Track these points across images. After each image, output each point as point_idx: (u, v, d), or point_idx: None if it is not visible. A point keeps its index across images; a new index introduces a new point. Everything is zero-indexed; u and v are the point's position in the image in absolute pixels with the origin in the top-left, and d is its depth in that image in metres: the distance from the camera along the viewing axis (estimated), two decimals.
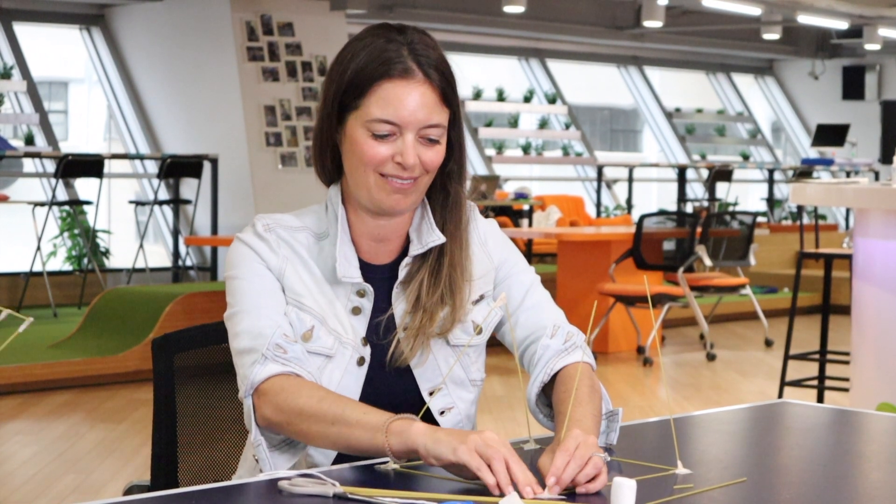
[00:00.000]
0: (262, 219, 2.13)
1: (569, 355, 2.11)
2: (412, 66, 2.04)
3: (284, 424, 1.98)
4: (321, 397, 1.96)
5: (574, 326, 2.17)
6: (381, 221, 2.11)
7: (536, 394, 2.10)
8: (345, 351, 2.08)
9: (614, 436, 2.08)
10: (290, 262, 2.09)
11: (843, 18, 14.51)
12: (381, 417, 1.90)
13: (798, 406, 2.45)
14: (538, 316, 2.17)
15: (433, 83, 2.05)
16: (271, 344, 2.01)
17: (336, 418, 1.93)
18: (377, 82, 2.03)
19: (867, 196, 4.91)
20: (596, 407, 2.02)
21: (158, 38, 11.88)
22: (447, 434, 1.82)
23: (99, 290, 9.98)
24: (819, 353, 6.69)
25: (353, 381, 2.08)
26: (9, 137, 11.18)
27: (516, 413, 6.87)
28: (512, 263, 2.20)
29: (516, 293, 2.18)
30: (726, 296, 10.29)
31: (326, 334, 2.08)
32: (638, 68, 17.32)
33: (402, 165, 2.03)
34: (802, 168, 16.00)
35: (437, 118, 2.05)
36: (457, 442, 1.79)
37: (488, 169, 14.52)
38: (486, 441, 1.78)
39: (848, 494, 1.85)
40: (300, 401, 1.96)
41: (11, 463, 5.72)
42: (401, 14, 13.36)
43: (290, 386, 1.98)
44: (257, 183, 11.09)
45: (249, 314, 2.05)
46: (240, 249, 2.11)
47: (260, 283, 2.08)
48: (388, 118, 2.03)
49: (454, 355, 2.13)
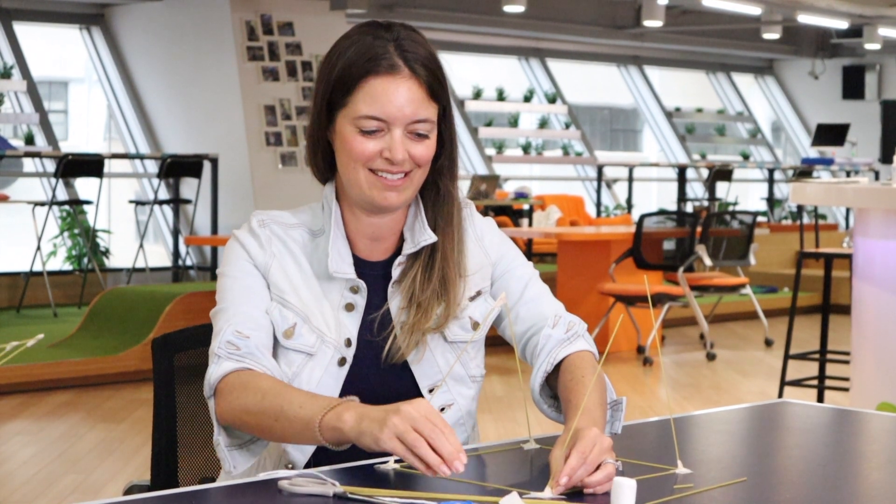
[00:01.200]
0: (259, 215, 2.14)
1: (571, 344, 2.10)
2: (398, 62, 2.04)
3: (238, 423, 1.99)
4: (265, 393, 1.95)
5: (575, 316, 2.17)
6: (375, 219, 2.11)
7: (540, 384, 2.09)
8: (326, 350, 2.08)
9: (619, 425, 2.09)
10: (277, 259, 2.10)
11: (843, 18, 14.51)
12: (315, 409, 1.88)
13: (798, 406, 2.45)
14: (538, 308, 2.16)
15: (420, 78, 2.05)
16: (222, 342, 2.02)
17: (277, 414, 1.92)
18: (364, 79, 2.04)
19: (867, 196, 4.91)
20: (602, 396, 2.03)
21: (158, 38, 11.88)
22: (370, 421, 1.79)
23: (99, 290, 9.98)
24: (819, 353, 6.69)
25: (332, 381, 2.08)
26: (9, 137, 11.17)
27: (516, 413, 6.87)
28: (509, 259, 2.20)
29: (515, 287, 2.18)
30: (726, 296, 10.29)
31: (308, 332, 2.08)
32: (638, 68, 17.32)
33: (391, 160, 2.03)
34: (802, 168, 16.00)
35: (425, 113, 2.05)
36: (378, 430, 1.77)
37: (488, 169, 14.52)
38: (405, 424, 1.74)
39: (848, 494, 1.85)
40: (247, 399, 1.96)
41: (11, 463, 5.72)
42: (401, 14, 13.36)
43: (240, 384, 1.98)
44: (257, 183, 11.09)
45: (227, 312, 2.07)
46: (231, 246, 2.14)
47: (242, 281, 2.09)
48: (374, 114, 2.03)
49: (452, 351, 2.13)
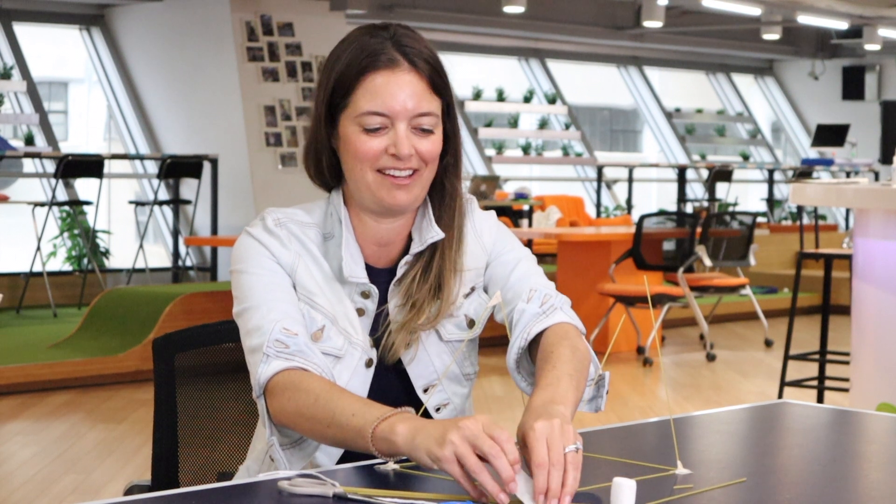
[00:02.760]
0: (273, 213, 2.09)
1: (547, 318, 2.03)
2: (397, 56, 2.02)
3: (291, 425, 1.95)
4: (317, 396, 1.91)
5: (556, 291, 2.10)
6: (383, 224, 2.09)
7: (516, 360, 2.03)
8: (354, 352, 2.05)
9: (602, 402, 2.04)
10: (301, 259, 2.06)
11: (843, 18, 14.51)
12: (368, 418, 1.83)
13: (798, 406, 2.45)
14: (520, 286, 2.10)
15: (420, 71, 2.02)
16: (271, 340, 1.97)
17: (329, 421, 1.88)
18: (363, 75, 2.01)
19: (867, 196, 4.91)
20: (575, 367, 1.94)
21: (158, 38, 11.88)
22: (426, 436, 1.73)
23: (99, 290, 9.98)
24: (819, 354, 6.69)
25: (360, 383, 2.06)
26: (9, 137, 11.18)
27: (516, 413, 6.87)
28: (500, 246, 2.15)
29: (501, 273, 2.12)
30: (726, 296, 10.29)
31: (336, 334, 2.05)
32: (638, 68, 17.32)
33: (398, 156, 2.00)
34: (802, 168, 16.00)
35: (428, 106, 2.02)
36: (436, 447, 1.70)
37: (488, 169, 14.52)
38: (465, 445, 1.68)
39: (848, 494, 1.85)
40: (299, 402, 1.92)
41: (11, 463, 5.72)
42: (401, 14, 13.36)
43: (291, 385, 1.94)
44: (257, 183, 11.09)
45: (259, 310, 2.01)
46: (248, 244, 2.06)
47: (269, 278, 2.03)
48: (377, 109, 2.00)
49: (447, 351, 2.10)
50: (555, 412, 1.78)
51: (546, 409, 1.80)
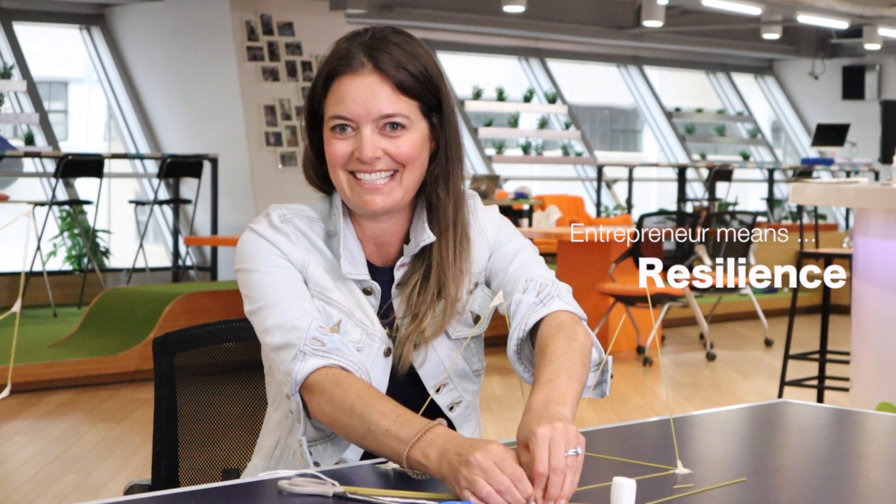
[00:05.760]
0: (277, 209, 2.09)
1: (544, 307, 2.03)
2: (362, 60, 2.03)
3: (328, 426, 1.97)
4: (353, 403, 1.90)
5: (555, 279, 2.10)
6: (375, 224, 2.09)
7: (516, 350, 2.03)
8: (372, 343, 2.06)
9: (607, 387, 2.04)
10: (311, 255, 2.06)
11: (843, 18, 14.51)
12: (402, 438, 1.82)
13: (798, 406, 2.45)
14: (517, 276, 2.10)
15: (384, 73, 2.02)
16: (308, 338, 1.96)
17: (365, 433, 1.88)
18: (332, 81, 2.04)
19: (867, 196, 4.91)
20: (572, 360, 1.93)
21: (158, 38, 11.88)
22: (448, 466, 1.74)
23: (99, 290, 9.98)
24: (819, 353, 6.69)
25: (381, 373, 2.06)
26: (9, 137, 11.17)
27: (516, 413, 6.87)
28: (501, 238, 2.16)
29: (500, 266, 2.13)
30: (726, 296, 10.29)
31: (353, 327, 2.05)
32: (638, 68, 17.32)
33: (361, 159, 2.01)
34: (802, 168, 15.99)
35: (392, 108, 2.02)
36: (453, 479, 1.72)
37: (488, 169, 14.52)
38: (474, 476, 1.69)
39: (848, 494, 1.85)
40: (335, 404, 1.92)
41: (11, 463, 5.72)
42: (401, 14, 13.35)
43: (329, 384, 1.93)
44: (257, 183, 11.08)
45: (277, 307, 2.00)
46: (255, 241, 2.06)
47: (281, 275, 2.03)
48: (340, 113, 2.02)
49: (456, 348, 2.11)
50: (556, 414, 1.79)
51: (547, 410, 1.80)
